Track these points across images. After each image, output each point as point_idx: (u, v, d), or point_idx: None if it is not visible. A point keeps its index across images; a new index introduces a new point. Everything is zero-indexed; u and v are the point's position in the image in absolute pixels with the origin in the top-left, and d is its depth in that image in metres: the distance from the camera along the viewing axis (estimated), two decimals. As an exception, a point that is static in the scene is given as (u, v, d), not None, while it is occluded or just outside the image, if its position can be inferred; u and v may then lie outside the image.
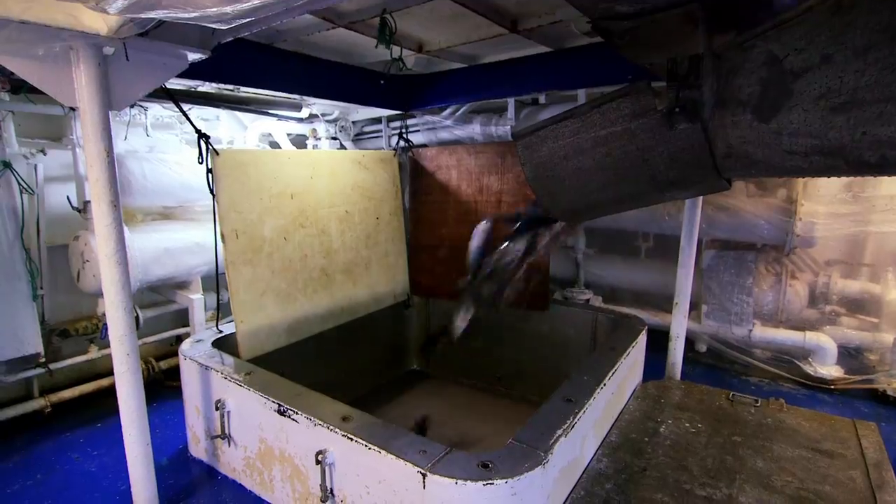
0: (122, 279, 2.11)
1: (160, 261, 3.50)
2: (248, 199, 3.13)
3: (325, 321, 3.69)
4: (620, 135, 2.10)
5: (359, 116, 4.81)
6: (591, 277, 4.93)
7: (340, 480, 2.09)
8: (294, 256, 3.43)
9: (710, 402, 3.06)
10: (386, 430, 2.04)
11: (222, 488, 2.64)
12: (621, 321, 3.43)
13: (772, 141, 1.69)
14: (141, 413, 2.25)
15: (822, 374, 3.70)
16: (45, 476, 2.81)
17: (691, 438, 2.65)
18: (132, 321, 2.18)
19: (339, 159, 3.78)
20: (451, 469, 1.78)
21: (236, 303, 3.05)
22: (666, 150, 2.02)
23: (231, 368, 2.62)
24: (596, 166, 2.22)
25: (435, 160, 4.20)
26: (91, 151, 1.99)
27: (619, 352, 2.89)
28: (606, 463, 2.42)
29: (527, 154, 2.35)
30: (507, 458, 1.86)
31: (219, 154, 2.95)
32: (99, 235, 2.06)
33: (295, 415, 2.20)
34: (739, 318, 4.06)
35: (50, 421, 3.37)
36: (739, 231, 4.01)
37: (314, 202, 3.56)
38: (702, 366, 4.20)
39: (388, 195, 4.22)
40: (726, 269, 4.12)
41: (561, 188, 2.38)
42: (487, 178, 3.96)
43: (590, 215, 2.62)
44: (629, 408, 2.97)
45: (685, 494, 2.20)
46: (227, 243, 3.01)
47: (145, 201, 3.48)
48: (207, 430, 2.74)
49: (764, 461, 2.45)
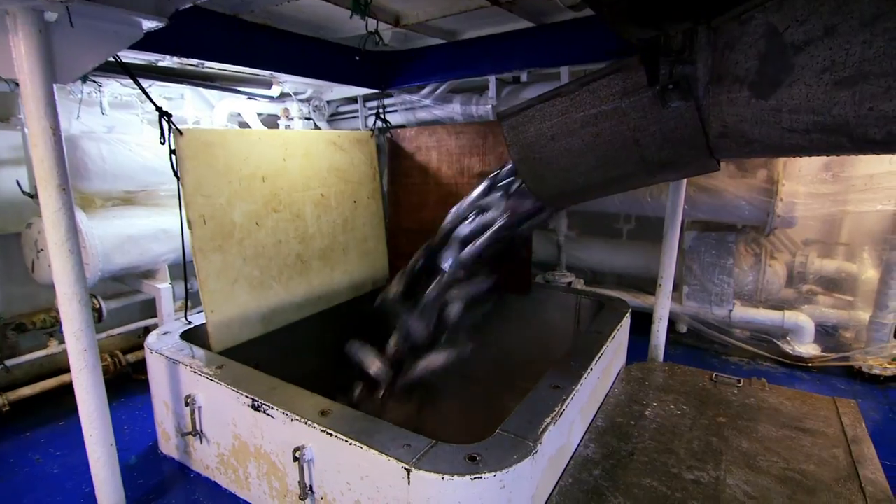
0: (75, 270, 1.93)
1: (123, 249, 3.29)
2: (215, 181, 2.94)
3: (301, 309, 3.56)
4: (611, 114, 2.00)
5: (334, 96, 4.60)
6: (572, 260, 4.89)
7: (320, 477, 1.99)
8: (267, 242, 3.27)
9: (693, 384, 3.06)
10: (367, 423, 1.94)
11: (195, 487, 2.51)
12: (605, 304, 3.39)
13: (770, 118, 1.62)
14: (102, 413, 2.10)
15: (801, 352, 3.75)
16: (4, 479, 2.63)
17: (677, 421, 2.64)
18: (89, 315, 2.02)
19: (313, 140, 3.60)
20: (437, 463, 1.70)
21: (206, 292, 2.90)
22: (658, 129, 1.94)
23: (201, 362, 2.47)
24: (585, 147, 2.13)
25: (414, 141, 4.06)
26: (35, 129, 1.80)
27: (605, 335, 2.84)
28: (594, 448, 2.38)
29: (513, 135, 2.24)
30: (494, 449, 1.79)
31: (182, 133, 2.76)
32: (47, 222, 1.87)
33: (270, 410, 2.08)
34: (720, 299, 4.08)
35: (8, 420, 3.16)
36: (721, 212, 4.00)
37: (287, 185, 3.39)
38: (683, 346, 4.23)
39: (366, 177, 4.07)
40: (707, 251, 4.12)
41: (548, 171, 2.28)
42: (469, 160, 3.84)
43: (578, 199, 2.53)
44: (614, 391, 2.94)
45: (673, 478, 2.18)
46: (195, 229, 2.83)
47: (104, 185, 3.25)
48: (178, 427, 2.60)
49: (749, 442, 2.45)
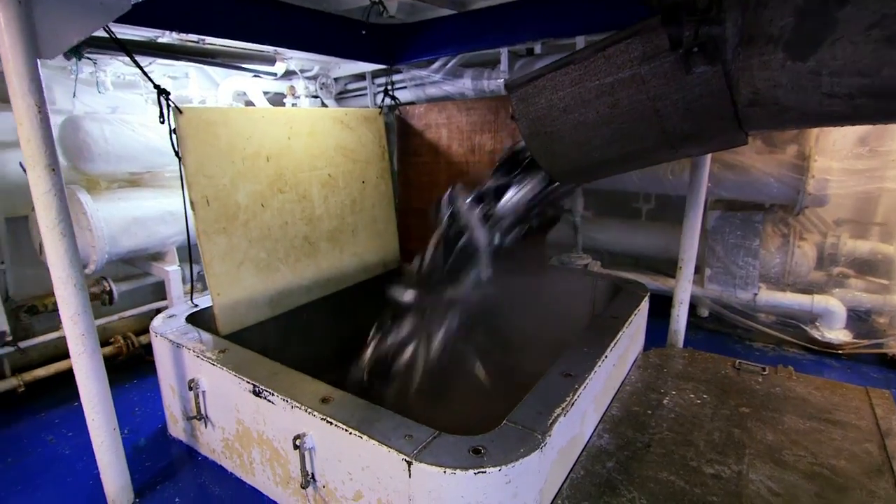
0: (68, 253, 1.88)
1: (129, 231, 3.26)
2: (218, 162, 2.87)
3: (310, 292, 3.50)
4: (628, 82, 1.84)
5: (341, 73, 4.46)
6: (588, 242, 4.73)
7: (321, 466, 1.94)
8: (273, 224, 3.20)
9: (715, 371, 2.92)
10: (369, 411, 1.87)
11: (202, 471, 2.50)
12: (622, 287, 3.25)
13: (808, 83, 1.45)
14: (104, 397, 2.08)
15: (830, 338, 3.56)
16: (17, 459, 2.66)
17: (696, 410, 2.51)
18: (86, 298, 1.97)
19: (318, 118, 3.49)
20: (440, 456, 1.62)
21: (211, 275, 2.85)
22: (681, 98, 1.77)
23: (204, 346, 2.43)
24: (600, 119, 1.97)
25: (423, 118, 3.92)
26: (19, 107, 1.73)
27: (621, 320, 2.71)
28: (608, 439, 2.28)
29: (522, 107, 2.09)
30: (500, 441, 1.70)
31: (182, 112, 2.68)
32: (38, 204, 1.82)
33: (271, 396, 2.03)
34: (744, 282, 3.89)
35: (23, 401, 3.21)
36: (747, 190, 3.78)
37: (293, 165, 3.30)
38: (704, 331, 4.06)
39: (375, 157, 3.95)
40: (732, 231, 3.92)
41: (561, 145, 2.13)
42: (480, 137, 3.69)
43: (592, 176, 2.38)
44: (630, 378, 2.82)
45: (692, 472, 2.07)
46: (198, 211, 2.77)
47: (108, 167, 3.20)
48: (184, 411, 2.58)
49: (774, 434, 2.32)
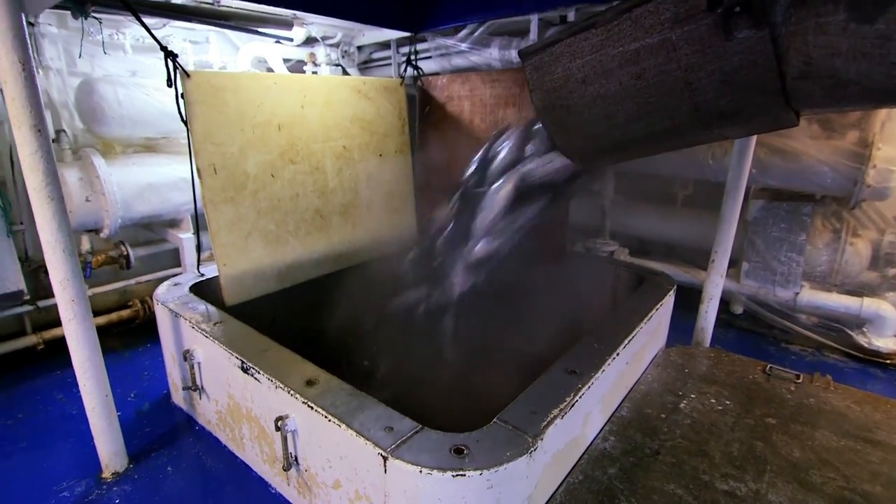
0: (56, 217, 1.84)
1: (143, 197, 3.25)
2: (226, 129, 2.78)
3: (320, 266, 3.42)
4: (657, 48, 1.61)
5: (365, 41, 4.29)
6: (617, 227, 4.46)
7: (304, 449, 1.87)
8: (283, 195, 3.12)
9: (742, 375, 2.68)
10: (353, 398, 1.76)
11: (198, 441, 2.49)
12: (647, 278, 3.03)
13: (875, 50, 1.20)
14: (95, 363, 2.06)
15: (878, 346, 3.23)
16: (26, 416, 2.74)
17: (716, 418, 2.31)
18: (75, 264, 1.94)
19: (334, 86, 3.34)
20: (418, 453, 1.50)
21: (218, 245, 2.80)
22: (717, 68, 1.53)
23: (201, 317, 2.39)
24: (623, 92, 1.75)
25: (445, 90, 3.72)
26: (2, 65, 1.66)
27: (640, 315, 2.51)
28: (613, 442, 2.12)
29: (536, 77, 1.89)
30: (487, 441, 1.56)
31: (189, 76, 2.59)
32: (24, 166, 1.77)
33: (257, 374, 1.96)
34: (785, 279, 3.57)
35: (42, 358, 3.30)
36: (796, 178, 3.43)
37: (306, 135, 3.18)
38: (735, 329, 3.78)
39: (393, 129, 3.79)
40: (776, 223, 3.59)
41: (578, 122, 1.92)
42: (503, 112, 3.47)
43: (612, 158, 2.15)
44: (647, 377, 2.63)
45: (702, 487, 1.89)
46: (205, 179, 2.71)
47: (123, 131, 3.18)
48: (183, 380, 2.57)
49: (802, 450, 2.10)
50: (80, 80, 3.18)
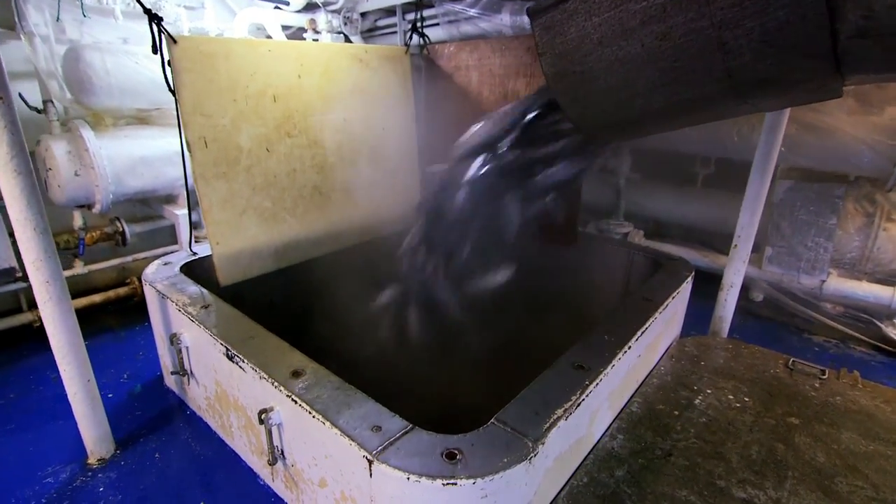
0: (25, 193, 1.71)
1: (135, 171, 3.12)
2: (217, 99, 2.61)
3: (319, 246, 3.28)
4: (687, 2, 1.39)
5: (369, 6, 4.05)
6: (632, 207, 4.24)
7: (290, 444, 1.76)
8: (280, 171, 2.96)
9: (762, 369, 2.51)
10: (339, 393, 1.64)
11: (188, 426, 2.41)
12: (663, 264, 2.84)
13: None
14: (75, 348, 1.96)
15: (910, 339, 3.03)
16: (18, 396, 2.68)
17: (734, 416, 2.15)
18: (49, 243, 1.82)
19: (334, 54, 3.14)
20: (407, 457, 1.37)
21: (210, 222, 2.66)
22: (757, 25, 1.31)
23: (188, 299, 2.27)
24: (645, 55, 1.54)
25: (452, 59, 3.50)
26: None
27: (655, 304, 2.34)
28: (621, 441, 1.98)
29: (547, 39, 1.68)
30: (482, 445, 1.43)
31: (176, 42, 2.41)
32: (-15, 136, 1.63)
33: (242, 363, 1.84)
34: (811, 266, 3.36)
35: (39, 335, 3.22)
36: (830, 158, 3.18)
37: (303, 107, 3.00)
38: (755, 318, 3.59)
39: (398, 101, 3.59)
40: (804, 205, 3.35)
41: (594, 90, 1.71)
42: (514, 83, 3.25)
43: (632, 132, 1.94)
44: (660, 370, 2.47)
45: (718, 494, 1.74)
46: (194, 153, 2.56)
47: (112, 102, 3.02)
48: (172, 364, 2.48)
49: (826, 455, 1.94)
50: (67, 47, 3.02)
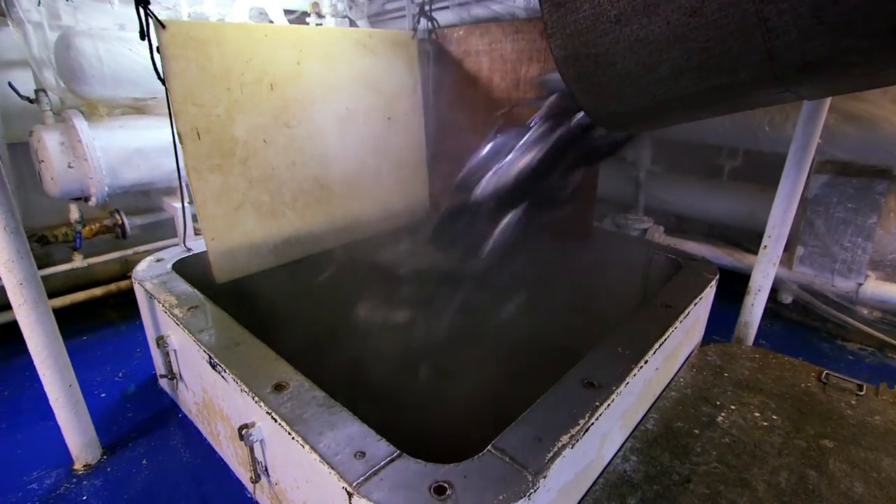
0: (-10, 189, 1.60)
1: (131, 163, 3.02)
2: (210, 88, 2.48)
3: (321, 241, 3.15)
4: (721, -28, 1.19)
5: (377, -12, 3.87)
6: (653, 201, 4.01)
7: (273, 461, 1.63)
8: (278, 163, 2.82)
9: (792, 383, 2.30)
10: (323, 411, 1.50)
11: (179, 430, 2.31)
12: (685, 265, 2.63)
13: None
14: (54, 352, 1.86)
15: (957, 349, 2.78)
16: (12, 394, 2.62)
17: (761, 437, 1.96)
18: (22, 244, 1.71)
19: (336, 39, 2.97)
20: (390, 491, 1.23)
21: (204, 217, 2.55)
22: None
23: (176, 300, 2.16)
24: (671, 35, 1.33)
25: (462, 44, 3.30)
26: None
27: (676, 311, 2.15)
28: (635, 464, 1.81)
29: (557, 17, 1.48)
30: (476, 477, 1.28)
31: (165, 27, 2.28)
32: (-55, 129, 1.51)
33: (224, 373, 1.72)
34: (848, 267, 3.11)
35: (38, 330, 3.19)
36: (872, 150, 2.91)
37: (302, 95, 2.85)
38: (783, 322, 3.36)
39: (405, 89, 3.41)
40: (841, 202, 3.09)
41: (610, 75, 1.51)
42: (527, 68, 3.04)
43: (652, 122, 1.74)
44: (678, 382, 2.28)
45: (742, 529, 1.57)
46: (186, 145, 2.43)
47: (105, 90, 2.91)
48: (161, 367, 2.38)
49: (865, 484, 1.74)
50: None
